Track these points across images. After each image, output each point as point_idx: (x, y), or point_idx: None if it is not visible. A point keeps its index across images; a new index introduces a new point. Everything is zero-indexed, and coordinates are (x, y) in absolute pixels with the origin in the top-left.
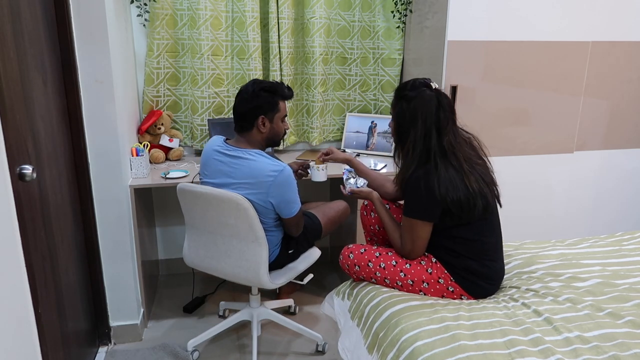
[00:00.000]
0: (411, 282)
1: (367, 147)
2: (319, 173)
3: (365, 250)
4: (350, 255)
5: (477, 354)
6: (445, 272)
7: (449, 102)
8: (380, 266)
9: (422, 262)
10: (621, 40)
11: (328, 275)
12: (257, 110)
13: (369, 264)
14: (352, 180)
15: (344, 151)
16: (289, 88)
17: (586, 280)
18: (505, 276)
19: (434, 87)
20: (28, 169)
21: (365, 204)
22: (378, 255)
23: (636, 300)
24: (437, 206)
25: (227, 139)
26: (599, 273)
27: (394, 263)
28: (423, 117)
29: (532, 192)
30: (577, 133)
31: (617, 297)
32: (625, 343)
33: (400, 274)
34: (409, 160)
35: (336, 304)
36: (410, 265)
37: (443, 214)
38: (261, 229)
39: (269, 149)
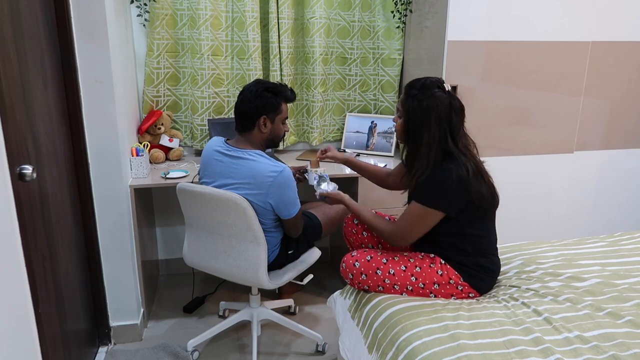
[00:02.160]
0: (422, 285)
1: (367, 147)
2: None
3: (371, 257)
4: (356, 263)
5: (477, 353)
6: (456, 273)
7: (460, 104)
8: (389, 272)
9: (431, 264)
10: (621, 40)
11: (328, 276)
12: (260, 110)
13: (377, 271)
14: (323, 185)
15: (344, 151)
16: (292, 91)
17: (586, 280)
18: (505, 276)
19: (447, 89)
20: (28, 169)
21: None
22: (386, 261)
23: (636, 300)
24: (463, 197)
25: (227, 140)
26: (599, 273)
27: (404, 268)
28: (437, 119)
29: (532, 192)
30: (577, 133)
31: (616, 297)
32: (624, 343)
33: (412, 278)
34: (423, 161)
35: (338, 303)
36: (420, 268)
37: (462, 209)
38: (260, 229)
39: (269, 150)
